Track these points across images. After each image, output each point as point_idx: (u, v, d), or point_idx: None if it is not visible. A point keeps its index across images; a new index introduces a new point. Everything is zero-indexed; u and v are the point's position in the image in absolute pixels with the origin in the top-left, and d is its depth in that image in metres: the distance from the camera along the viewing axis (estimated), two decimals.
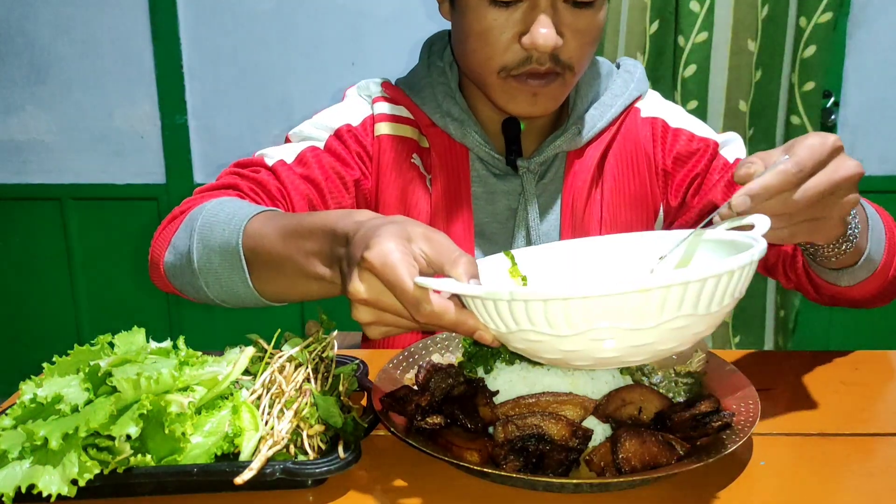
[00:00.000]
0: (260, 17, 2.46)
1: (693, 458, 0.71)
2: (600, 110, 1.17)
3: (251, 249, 0.84)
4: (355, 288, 0.68)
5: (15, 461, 0.67)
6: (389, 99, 1.18)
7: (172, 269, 0.97)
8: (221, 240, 0.87)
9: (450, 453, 0.72)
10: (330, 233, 0.75)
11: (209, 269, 0.89)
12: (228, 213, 0.90)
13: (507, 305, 0.63)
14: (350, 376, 0.86)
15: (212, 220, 0.90)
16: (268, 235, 0.83)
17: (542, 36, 0.97)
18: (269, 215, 0.87)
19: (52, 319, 2.74)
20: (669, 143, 1.19)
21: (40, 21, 2.49)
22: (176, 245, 0.96)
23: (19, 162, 2.61)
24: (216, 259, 0.88)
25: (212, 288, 0.91)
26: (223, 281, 0.89)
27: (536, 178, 1.16)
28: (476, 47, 1.03)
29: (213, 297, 0.93)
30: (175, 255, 0.95)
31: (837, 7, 2.11)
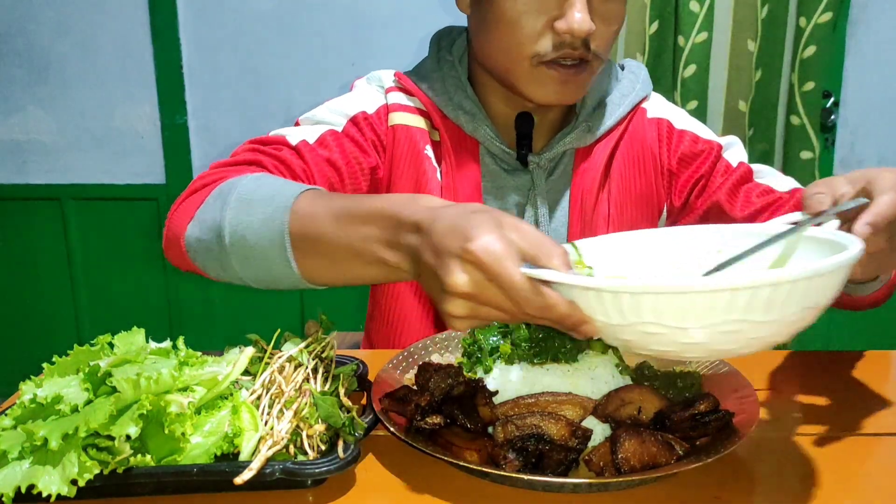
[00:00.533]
0: (260, 17, 2.46)
1: (692, 458, 0.71)
2: (609, 109, 1.17)
3: (299, 229, 0.79)
4: (456, 281, 0.64)
5: (15, 461, 0.67)
6: (403, 89, 1.17)
7: (196, 244, 0.90)
8: (263, 216, 0.81)
9: (449, 453, 0.72)
10: (393, 218, 0.72)
11: (244, 246, 0.82)
12: (270, 190, 0.84)
13: (632, 298, 0.60)
14: (350, 376, 0.86)
15: (250, 196, 0.84)
16: (319, 216, 0.78)
17: (578, 21, 0.97)
18: (316, 194, 0.82)
19: (52, 319, 2.74)
20: (675, 144, 1.20)
21: (40, 21, 2.49)
22: (203, 218, 0.89)
23: (19, 162, 2.62)
24: (253, 237, 0.81)
25: (243, 266, 0.85)
26: (259, 260, 0.82)
27: (546, 174, 1.16)
28: (506, 33, 1.02)
29: (243, 275, 0.86)
30: (201, 229, 0.89)
31: (837, 7, 2.12)
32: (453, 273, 0.65)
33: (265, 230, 0.81)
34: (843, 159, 2.48)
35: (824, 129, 2.33)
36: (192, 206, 0.94)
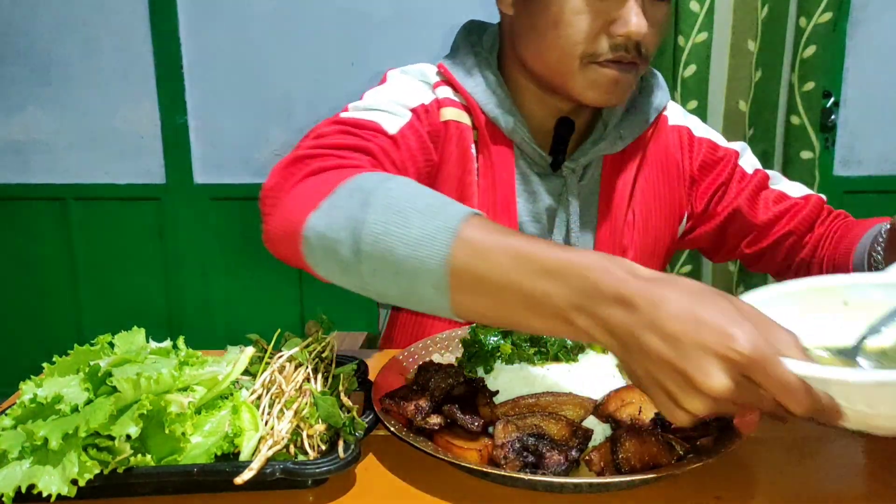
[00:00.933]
0: (260, 17, 2.46)
1: (693, 458, 0.71)
2: (639, 116, 1.17)
3: (464, 261, 0.68)
4: (717, 383, 0.58)
5: (15, 461, 0.67)
6: (449, 83, 1.14)
7: (318, 240, 0.78)
8: (420, 233, 0.71)
9: (450, 453, 0.72)
10: (589, 282, 0.64)
11: (387, 260, 0.72)
12: (427, 203, 0.73)
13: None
14: (350, 376, 0.86)
15: (403, 205, 0.73)
16: (491, 252, 0.68)
17: (635, 24, 0.97)
18: (484, 222, 0.71)
19: (52, 319, 2.74)
20: (696, 152, 1.22)
21: (41, 21, 2.49)
22: (333, 214, 0.77)
23: (21, 162, 2.62)
24: (404, 252, 0.71)
25: (376, 278, 0.74)
26: (403, 278, 0.72)
27: (577, 180, 1.15)
28: (561, 34, 1.01)
29: (370, 286, 0.76)
30: (329, 225, 0.77)
31: (837, 7, 2.11)
32: (712, 375, 0.58)
33: (421, 249, 0.70)
34: (843, 159, 2.48)
35: (824, 129, 2.33)
36: (314, 195, 0.81)
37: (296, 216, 0.80)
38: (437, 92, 1.13)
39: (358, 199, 0.76)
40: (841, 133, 2.44)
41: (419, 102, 1.09)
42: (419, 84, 1.14)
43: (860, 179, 2.49)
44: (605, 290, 0.63)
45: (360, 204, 0.75)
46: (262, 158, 2.53)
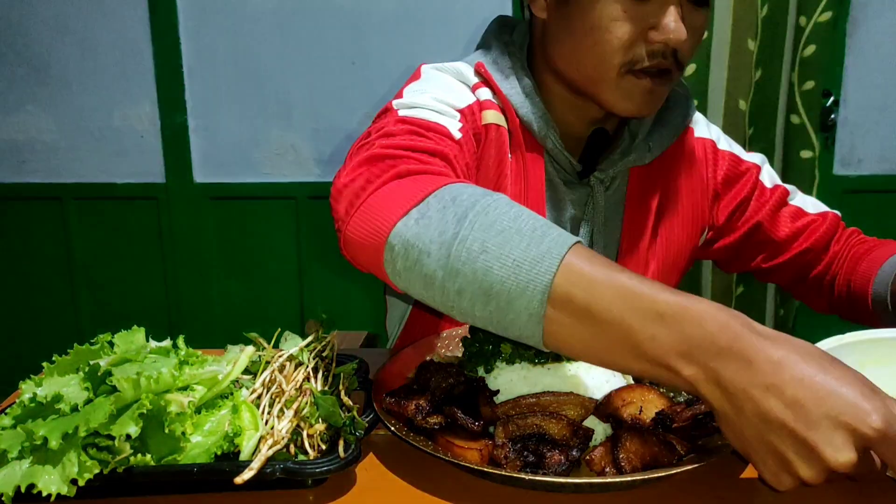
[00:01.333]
0: (260, 17, 2.46)
1: (693, 458, 0.71)
2: (668, 129, 1.15)
3: (566, 288, 0.66)
4: (848, 459, 0.57)
5: (14, 461, 0.67)
6: (488, 84, 1.10)
7: (405, 249, 0.73)
8: (521, 255, 0.67)
9: (450, 453, 0.72)
10: (699, 330, 0.62)
11: (481, 280, 0.68)
12: (530, 225, 0.70)
13: None
14: (350, 375, 0.86)
15: (503, 224, 0.70)
16: (597, 283, 0.65)
17: (675, 31, 0.95)
18: (590, 254, 0.68)
19: (51, 318, 2.74)
20: (720, 165, 1.22)
21: (40, 21, 2.49)
22: (426, 223, 0.73)
23: (19, 161, 2.61)
24: (501, 273, 0.68)
25: (463, 298, 0.70)
26: (494, 300, 0.68)
27: (604, 189, 1.14)
28: (598, 41, 0.98)
29: (454, 304, 0.72)
30: (419, 235, 0.73)
31: (837, 6, 2.11)
32: (841, 448, 0.57)
33: (522, 274, 0.67)
34: (843, 159, 2.48)
35: (824, 128, 2.33)
36: (404, 200, 0.77)
37: (382, 221, 0.76)
38: (477, 93, 1.10)
39: (453, 212, 0.73)
40: (841, 132, 2.44)
41: (465, 104, 1.06)
42: (459, 84, 1.10)
43: (860, 179, 2.48)
44: (721, 342, 0.60)
45: (456, 218, 0.72)
46: (262, 158, 2.53)
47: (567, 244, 0.68)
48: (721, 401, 0.61)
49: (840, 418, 0.57)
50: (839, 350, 0.85)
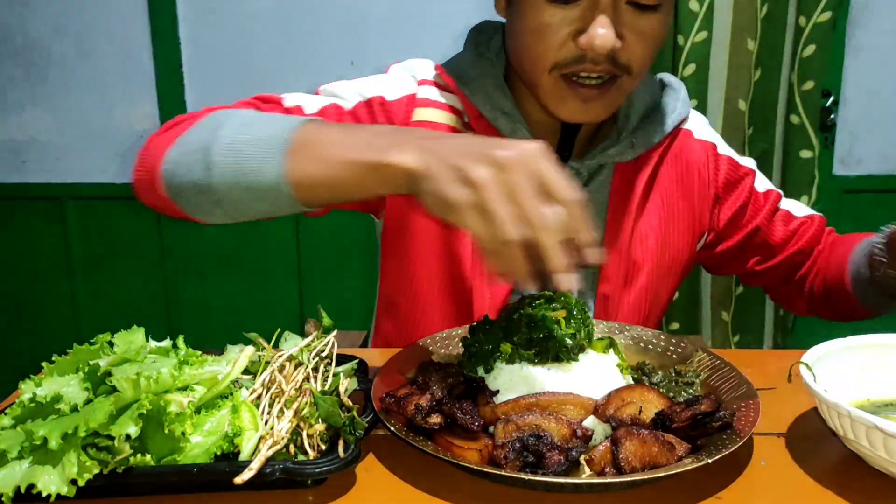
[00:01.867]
0: (260, 17, 2.46)
1: (693, 459, 0.71)
2: (655, 126, 1.15)
3: (299, 142, 0.81)
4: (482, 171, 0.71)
5: (14, 461, 0.67)
6: (440, 85, 1.13)
7: (174, 168, 0.88)
8: (263, 133, 0.83)
9: (450, 453, 0.72)
10: (400, 132, 0.81)
11: (235, 162, 0.82)
12: (273, 116, 0.87)
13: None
14: (350, 375, 0.86)
15: (253, 119, 0.86)
16: (324, 133, 0.82)
17: (599, 37, 0.94)
18: (320, 121, 0.87)
19: (51, 318, 2.74)
20: (721, 169, 1.21)
21: (40, 21, 2.49)
22: (188, 140, 0.88)
23: (18, 161, 2.61)
24: (251, 149, 0.82)
25: (227, 185, 0.83)
26: (249, 175, 0.82)
27: (580, 184, 1.14)
28: (530, 44, 1.00)
29: (222, 195, 0.85)
30: (181, 151, 0.88)
31: (837, 6, 2.11)
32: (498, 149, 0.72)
33: (260, 144, 0.82)
34: (842, 159, 2.48)
35: (824, 128, 2.33)
36: (171, 137, 0.92)
37: (154, 157, 0.91)
38: (419, 90, 1.12)
39: (210, 125, 0.87)
40: (840, 132, 2.44)
41: (379, 94, 1.11)
42: (405, 79, 1.15)
43: (859, 179, 2.48)
44: (417, 132, 0.81)
45: (212, 129, 0.86)
46: None
47: (305, 119, 0.84)
48: (424, 161, 0.74)
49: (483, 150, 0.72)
50: (841, 353, 0.85)
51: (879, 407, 0.83)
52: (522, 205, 0.70)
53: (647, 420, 0.76)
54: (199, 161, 0.85)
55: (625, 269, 1.16)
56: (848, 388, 0.84)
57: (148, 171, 0.93)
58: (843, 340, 0.86)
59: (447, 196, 0.72)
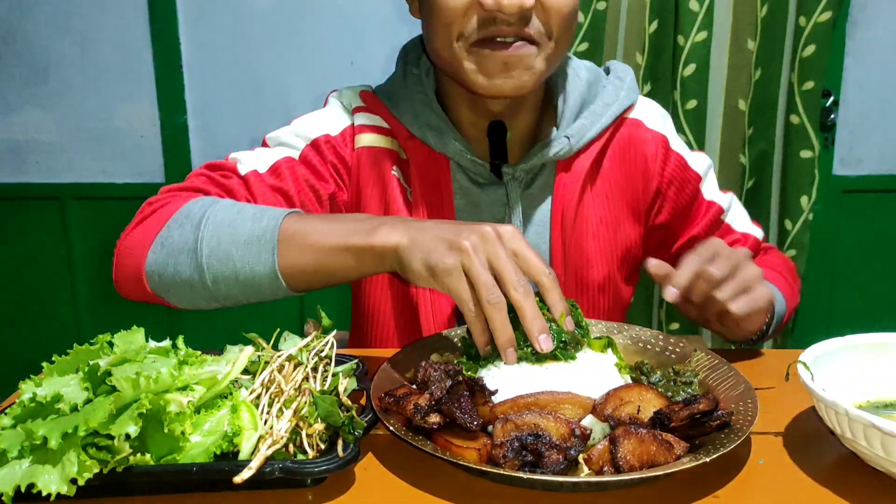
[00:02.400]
0: (260, 17, 2.46)
1: (692, 458, 0.71)
2: (590, 119, 1.13)
3: (286, 241, 0.88)
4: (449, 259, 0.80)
5: (14, 460, 0.67)
6: (368, 109, 1.14)
7: (160, 270, 0.94)
8: (249, 235, 0.89)
9: (448, 452, 0.72)
10: (382, 221, 0.87)
11: (224, 264, 0.89)
12: (252, 213, 0.91)
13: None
14: (349, 375, 0.86)
15: (232, 218, 0.91)
16: (310, 229, 0.88)
17: None
18: (300, 216, 0.92)
19: (51, 318, 2.74)
20: (669, 165, 1.19)
21: (40, 21, 2.49)
22: (169, 243, 0.93)
23: (19, 161, 2.61)
24: (239, 251, 0.89)
25: (220, 284, 0.91)
26: (242, 275, 0.89)
27: (522, 187, 1.13)
28: (437, 18, 0.99)
29: (219, 294, 0.93)
30: (165, 254, 0.93)
31: (837, 6, 2.12)
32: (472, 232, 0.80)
33: (251, 247, 0.88)
34: (842, 159, 2.48)
35: (824, 128, 2.33)
36: (148, 235, 0.96)
37: (135, 260, 0.96)
38: (355, 118, 1.14)
39: (189, 225, 0.92)
40: (840, 132, 2.45)
41: (322, 133, 1.12)
42: (341, 111, 1.16)
43: (859, 179, 2.49)
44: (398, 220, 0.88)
45: (192, 227, 0.91)
46: None
47: (282, 214, 0.89)
48: (410, 237, 0.83)
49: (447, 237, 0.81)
50: (839, 352, 0.85)
51: (879, 408, 0.84)
52: (503, 271, 0.79)
53: (645, 419, 0.76)
54: (187, 264, 0.91)
55: (576, 270, 1.15)
56: (846, 387, 0.84)
57: (131, 271, 0.98)
58: (842, 339, 0.86)
59: (434, 262, 0.80)
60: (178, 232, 0.93)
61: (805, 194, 2.24)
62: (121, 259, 1.00)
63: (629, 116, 1.18)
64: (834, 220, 2.51)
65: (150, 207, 1.02)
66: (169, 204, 0.99)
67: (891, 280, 2.55)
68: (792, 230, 2.27)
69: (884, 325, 0.97)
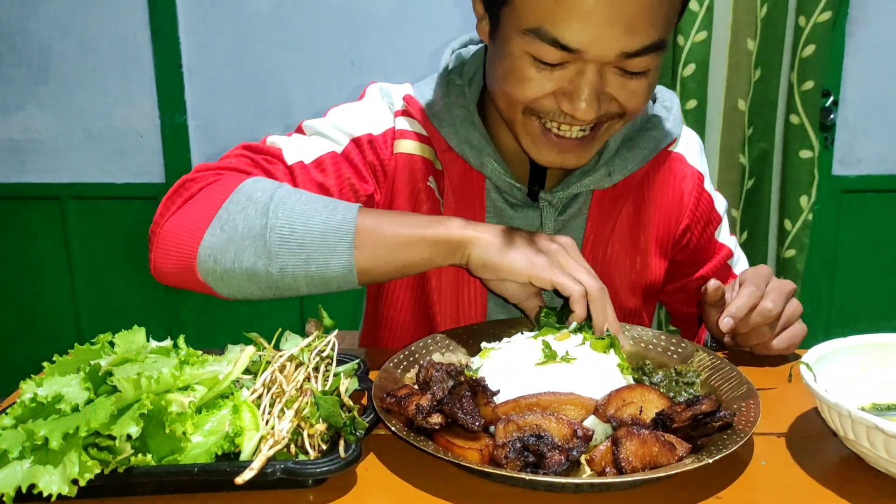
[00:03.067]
0: (260, 17, 2.46)
1: (694, 458, 0.71)
2: (634, 153, 1.09)
3: (362, 239, 0.89)
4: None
5: (15, 461, 0.67)
6: (409, 114, 1.10)
7: (218, 254, 0.89)
8: (324, 227, 0.89)
9: (450, 453, 0.72)
10: (455, 220, 0.93)
11: (297, 255, 0.88)
12: (322, 203, 0.91)
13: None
14: (351, 375, 0.86)
15: (303, 207, 0.90)
16: (384, 224, 0.91)
17: (582, 110, 0.90)
18: (373, 211, 0.94)
19: (51, 318, 2.74)
20: (700, 202, 1.18)
21: (40, 21, 2.49)
22: (230, 227, 0.89)
23: (19, 161, 2.61)
24: (315, 243, 0.88)
25: (287, 274, 0.89)
26: (314, 265, 0.89)
27: (555, 213, 1.10)
28: (508, 91, 0.95)
29: (282, 285, 0.90)
30: (226, 238, 0.89)
31: (836, 6, 2.12)
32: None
33: (327, 238, 0.88)
34: (842, 158, 2.48)
35: (823, 128, 2.33)
36: (201, 215, 0.91)
37: (187, 243, 0.91)
38: (396, 121, 1.10)
39: (254, 209, 0.89)
40: (840, 132, 2.45)
41: (366, 132, 1.08)
42: (385, 110, 1.12)
43: (859, 178, 2.49)
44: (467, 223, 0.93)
45: (258, 213, 0.89)
46: None
47: (355, 208, 0.90)
48: (477, 232, 0.91)
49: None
50: (842, 353, 0.85)
51: (881, 410, 0.83)
52: (585, 267, 0.90)
53: (647, 420, 0.76)
54: (253, 251, 0.88)
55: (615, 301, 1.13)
56: (849, 388, 0.84)
57: (180, 256, 0.92)
58: (844, 340, 0.86)
59: (532, 259, 0.88)
60: (241, 216, 0.89)
61: (805, 194, 2.23)
62: (165, 242, 0.94)
63: (673, 150, 1.16)
64: (834, 220, 2.51)
65: (193, 185, 0.95)
66: (216, 182, 0.95)
67: (891, 280, 2.55)
68: (792, 230, 2.27)
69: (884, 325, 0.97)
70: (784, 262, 2.30)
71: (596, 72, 0.89)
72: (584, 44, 0.86)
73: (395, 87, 1.14)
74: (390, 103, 1.12)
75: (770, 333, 1.00)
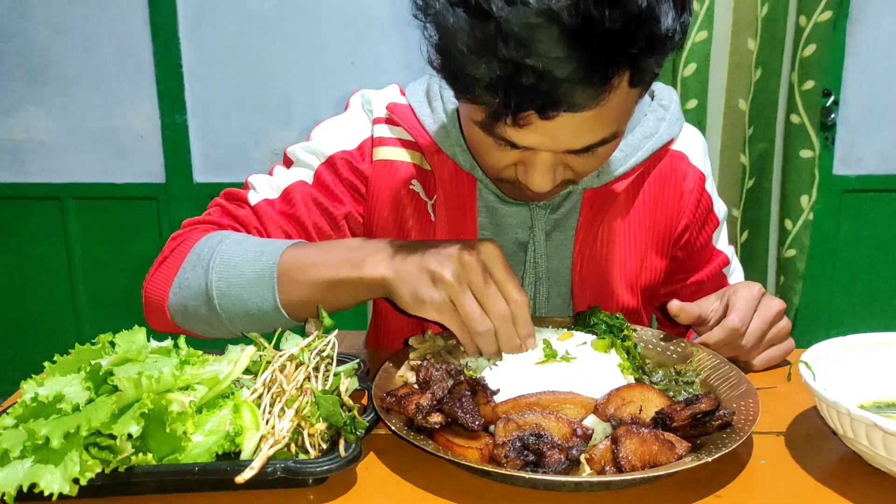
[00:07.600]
0: (260, 17, 2.46)
1: (693, 457, 0.71)
2: (626, 152, 1.09)
3: (289, 267, 0.93)
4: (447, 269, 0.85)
5: (16, 460, 0.67)
6: (391, 121, 1.11)
7: (181, 310, 1.00)
8: (251, 277, 0.94)
9: (450, 452, 0.72)
10: (367, 250, 0.92)
11: (236, 305, 0.95)
12: (252, 252, 0.96)
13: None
14: (351, 375, 0.86)
15: (236, 260, 0.96)
16: (305, 266, 0.93)
17: (537, 185, 0.90)
18: (296, 249, 0.96)
19: (52, 318, 2.74)
20: (700, 203, 1.18)
21: (40, 21, 2.49)
22: (185, 285, 0.99)
23: (19, 161, 2.62)
24: (245, 293, 0.94)
25: (236, 322, 0.96)
26: (252, 312, 0.95)
27: (547, 212, 1.10)
28: (475, 156, 0.98)
29: (235, 329, 0.98)
30: (183, 296, 0.99)
31: (837, 6, 2.12)
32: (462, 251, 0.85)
33: (253, 288, 0.94)
34: (842, 158, 2.48)
35: (824, 127, 2.33)
36: (167, 275, 1.02)
37: (159, 301, 1.02)
38: (374, 129, 1.11)
39: (201, 267, 0.98)
40: (840, 132, 2.45)
41: (339, 149, 1.10)
42: (362, 120, 1.13)
43: (859, 178, 2.49)
44: (386, 246, 0.92)
45: (203, 270, 0.97)
46: (262, 157, 2.53)
47: (278, 252, 0.94)
48: (394, 270, 0.88)
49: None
50: (841, 352, 0.85)
51: (881, 408, 0.84)
52: (483, 300, 0.84)
53: (647, 419, 0.76)
54: (204, 305, 0.97)
55: (598, 298, 1.13)
56: (848, 386, 0.84)
57: (158, 312, 1.03)
58: (843, 339, 0.86)
59: (422, 296, 0.85)
60: (192, 274, 0.98)
61: (805, 194, 2.24)
62: (148, 300, 1.05)
63: (674, 148, 1.15)
64: (834, 220, 2.51)
65: (173, 243, 1.06)
66: (185, 241, 1.04)
67: (891, 280, 2.56)
68: (792, 230, 2.27)
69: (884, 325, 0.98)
70: (784, 262, 2.30)
71: (550, 155, 0.88)
72: (531, 144, 0.85)
73: (377, 93, 1.15)
74: (369, 111, 1.14)
75: (747, 357, 0.99)
